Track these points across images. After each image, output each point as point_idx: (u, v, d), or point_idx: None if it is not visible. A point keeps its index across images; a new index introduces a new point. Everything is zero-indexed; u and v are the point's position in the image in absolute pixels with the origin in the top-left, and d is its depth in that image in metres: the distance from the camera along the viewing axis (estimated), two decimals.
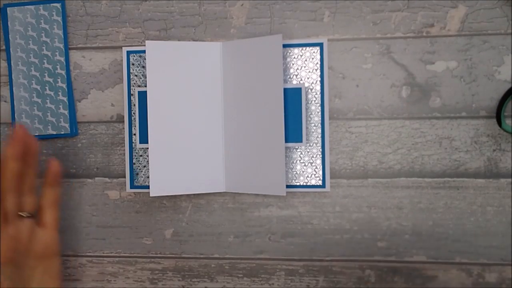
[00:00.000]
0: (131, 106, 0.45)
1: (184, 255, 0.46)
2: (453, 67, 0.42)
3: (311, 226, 0.45)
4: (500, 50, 0.42)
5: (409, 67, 0.43)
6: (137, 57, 0.45)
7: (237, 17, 0.44)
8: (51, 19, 0.46)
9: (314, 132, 0.43)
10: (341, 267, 0.44)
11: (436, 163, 0.43)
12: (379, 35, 0.43)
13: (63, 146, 0.47)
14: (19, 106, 0.46)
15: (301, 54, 0.44)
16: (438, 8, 0.42)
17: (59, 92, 0.46)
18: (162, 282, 0.47)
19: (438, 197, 0.43)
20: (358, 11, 0.43)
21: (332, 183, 0.44)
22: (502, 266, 0.43)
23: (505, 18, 0.42)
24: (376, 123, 0.43)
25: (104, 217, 0.47)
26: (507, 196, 0.43)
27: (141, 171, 0.45)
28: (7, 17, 0.46)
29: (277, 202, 0.45)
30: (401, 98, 0.43)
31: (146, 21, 0.45)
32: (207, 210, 0.46)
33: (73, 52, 0.46)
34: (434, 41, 0.42)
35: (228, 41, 0.44)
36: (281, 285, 0.45)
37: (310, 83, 0.43)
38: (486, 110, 0.42)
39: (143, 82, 0.45)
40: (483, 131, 0.42)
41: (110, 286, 0.47)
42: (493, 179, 0.43)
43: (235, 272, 0.46)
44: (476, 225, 0.43)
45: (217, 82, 0.44)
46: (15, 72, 0.46)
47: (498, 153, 0.42)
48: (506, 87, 0.42)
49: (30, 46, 0.46)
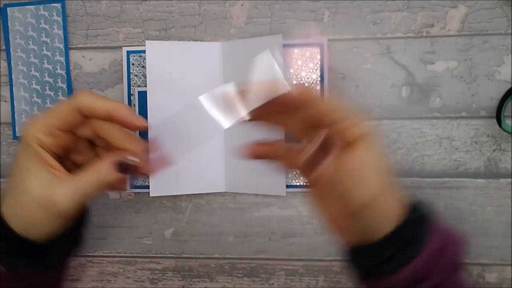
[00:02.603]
0: (131, 106, 0.45)
1: (184, 255, 0.46)
2: (453, 67, 0.42)
3: (311, 226, 0.45)
4: (500, 50, 0.42)
5: (409, 67, 0.43)
6: (137, 57, 0.45)
7: (237, 17, 0.44)
8: (51, 19, 0.46)
9: None
10: (341, 267, 0.44)
11: (436, 163, 0.43)
12: (379, 35, 0.43)
13: None
14: (19, 106, 0.46)
15: (301, 54, 0.43)
16: (438, 8, 0.42)
17: (59, 92, 0.46)
18: (162, 282, 0.47)
19: (438, 197, 0.43)
20: (358, 11, 0.43)
21: None
22: (502, 266, 0.43)
23: (505, 18, 0.42)
24: (376, 123, 0.43)
25: (104, 217, 0.47)
26: (507, 196, 0.43)
27: None
28: (7, 17, 0.46)
29: (277, 202, 0.45)
30: (401, 98, 0.43)
31: (146, 21, 0.45)
32: (207, 210, 0.46)
33: (73, 52, 0.46)
34: (434, 41, 0.42)
35: (228, 41, 0.44)
36: (281, 285, 0.45)
37: (310, 83, 0.43)
38: (486, 110, 0.42)
39: (143, 82, 0.45)
40: (483, 131, 0.42)
41: (110, 286, 0.47)
42: (493, 179, 0.43)
43: (235, 272, 0.46)
44: (476, 225, 0.43)
45: (217, 82, 0.44)
46: (15, 72, 0.46)
47: (498, 153, 0.42)
48: (506, 87, 0.42)
49: (30, 46, 0.46)
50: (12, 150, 0.47)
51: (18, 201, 0.30)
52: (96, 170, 0.30)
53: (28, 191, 0.29)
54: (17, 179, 0.30)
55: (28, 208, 0.29)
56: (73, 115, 0.30)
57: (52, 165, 0.30)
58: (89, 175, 0.30)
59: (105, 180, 0.30)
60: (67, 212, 0.29)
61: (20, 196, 0.29)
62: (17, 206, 0.30)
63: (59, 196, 0.29)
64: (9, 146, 0.47)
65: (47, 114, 0.30)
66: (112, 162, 0.30)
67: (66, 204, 0.29)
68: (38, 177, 0.29)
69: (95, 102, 0.30)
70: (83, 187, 0.30)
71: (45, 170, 0.30)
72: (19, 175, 0.30)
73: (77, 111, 0.30)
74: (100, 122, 0.31)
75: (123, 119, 0.30)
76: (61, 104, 0.30)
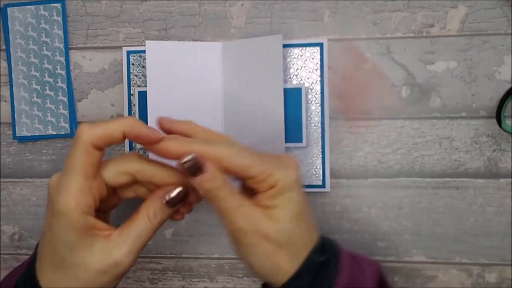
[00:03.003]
0: (131, 106, 0.45)
1: (184, 255, 0.46)
2: (453, 67, 0.42)
3: None
4: (500, 50, 0.42)
5: (409, 67, 0.43)
6: (137, 57, 0.45)
7: (237, 17, 0.44)
8: (51, 19, 0.46)
9: (314, 132, 0.43)
10: None
11: (436, 163, 0.43)
12: (379, 35, 0.43)
13: (63, 146, 0.47)
14: (19, 106, 0.46)
15: (301, 54, 0.43)
16: (438, 8, 0.42)
17: (59, 92, 0.46)
18: (162, 282, 0.47)
19: (438, 197, 0.43)
20: (358, 11, 0.43)
21: (332, 183, 0.44)
22: (502, 266, 0.43)
23: (505, 18, 0.42)
24: (376, 123, 0.43)
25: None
26: (507, 196, 0.43)
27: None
28: (7, 17, 0.46)
29: None
30: (401, 98, 0.43)
31: (146, 21, 0.45)
32: (207, 210, 0.46)
33: (73, 52, 0.46)
34: (434, 41, 0.42)
35: (228, 41, 0.44)
36: None
37: (310, 83, 0.43)
38: (486, 110, 0.42)
39: (143, 82, 0.45)
40: (483, 131, 0.42)
41: None
42: (493, 179, 0.43)
43: (235, 272, 0.46)
44: (476, 225, 0.43)
45: (217, 82, 0.44)
46: (15, 72, 0.46)
47: (498, 153, 0.42)
48: (506, 87, 0.42)
49: (30, 46, 0.46)
50: (12, 150, 0.47)
51: (78, 278, 0.28)
52: (146, 215, 0.29)
53: (88, 266, 0.27)
54: (67, 258, 0.28)
55: (90, 280, 0.28)
56: (91, 155, 0.27)
57: (99, 227, 0.29)
58: (141, 223, 0.29)
59: (160, 222, 0.29)
60: (130, 267, 0.29)
61: (80, 273, 0.28)
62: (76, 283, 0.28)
63: (119, 257, 0.28)
64: (9, 146, 0.47)
65: (68, 173, 0.27)
66: (162, 201, 0.29)
67: (128, 261, 0.28)
68: (93, 249, 0.28)
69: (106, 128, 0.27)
70: (139, 237, 0.29)
71: (97, 237, 0.28)
72: (69, 254, 0.28)
73: (92, 149, 0.27)
74: (135, 166, 0.29)
75: (141, 135, 0.28)
76: (73, 153, 0.27)
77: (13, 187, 0.48)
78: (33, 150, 0.47)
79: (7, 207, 0.48)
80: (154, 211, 0.29)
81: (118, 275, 0.28)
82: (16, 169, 0.47)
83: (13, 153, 0.47)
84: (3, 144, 0.47)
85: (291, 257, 0.29)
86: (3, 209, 0.48)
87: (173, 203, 0.29)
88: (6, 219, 0.48)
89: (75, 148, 0.27)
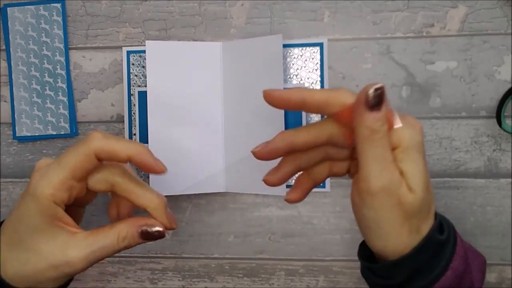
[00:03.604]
0: (131, 106, 0.45)
1: (184, 255, 0.46)
2: (453, 67, 0.42)
3: (311, 226, 0.45)
4: (500, 50, 0.42)
5: (409, 67, 0.43)
6: (137, 57, 0.45)
7: (237, 17, 0.44)
8: (51, 19, 0.46)
9: None
10: (341, 267, 0.44)
11: (436, 163, 0.43)
12: (379, 35, 0.43)
13: (63, 146, 0.47)
14: (19, 106, 0.46)
15: (301, 54, 0.44)
16: (438, 8, 0.42)
17: (59, 92, 0.46)
18: (162, 282, 0.47)
19: (438, 197, 0.43)
20: (358, 11, 0.43)
21: (332, 183, 0.44)
22: (502, 266, 0.43)
23: (505, 18, 0.42)
24: None
25: (104, 217, 0.47)
26: (507, 196, 0.43)
27: (140, 171, 0.45)
28: (7, 17, 0.46)
29: (277, 202, 0.45)
30: (401, 98, 0.43)
31: (146, 21, 0.45)
32: (207, 210, 0.46)
33: (73, 52, 0.46)
34: (434, 41, 0.42)
35: (228, 41, 0.44)
36: (281, 285, 0.45)
37: (310, 83, 0.43)
38: (486, 110, 0.42)
39: (143, 82, 0.45)
40: (483, 131, 0.42)
41: (110, 286, 0.47)
42: (493, 179, 0.43)
43: (235, 272, 0.46)
44: (476, 225, 0.43)
45: (217, 82, 0.44)
46: (15, 72, 0.46)
47: (498, 153, 0.42)
48: (506, 87, 0.42)
49: (30, 46, 0.46)
50: (12, 150, 0.47)
51: (29, 263, 0.28)
52: (117, 234, 0.29)
53: (42, 254, 0.28)
54: (26, 240, 0.28)
55: (40, 270, 0.28)
56: (89, 161, 0.28)
57: (66, 222, 0.29)
58: (109, 238, 0.28)
59: (126, 246, 0.29)
60: (81, 271, 0.28)
61: (32, 258, 0.28)
62: (25, 268, 0.28)
63: (74, 258, 0.28)
64: (9, 146, 0.47)
65: (60, 164, 0.28)
66: (137, 230, 0.29)
67: (81, 265, 0.28)
68: (53, 240, 0.28)
69: (115, 144, 0.28)
70: (101, 249, 0.28)
71: (61, 230, 0.28)
72: (28, 236, 0.28)
73: (93, 157, 0.28)
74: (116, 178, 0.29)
75: (145, 164, 0.28)
76: (75, 151, 0.28)
77: (13, 187, 0.48)
78: (33, 150, 0.47)
79: (7, 207, 0.48)
80: (125, 235, 0.29)
81: (66, 274, 0.28)
82: (16, 169, 0.47)
83: (13, 153, 0.47)
84: (3, 144, 0.47)
85: (413, 230, 0.26)
86: (3, 209, 0.48)
87: (147, 238, 0.29)
88: None
89: (79, 149, 0.28)
